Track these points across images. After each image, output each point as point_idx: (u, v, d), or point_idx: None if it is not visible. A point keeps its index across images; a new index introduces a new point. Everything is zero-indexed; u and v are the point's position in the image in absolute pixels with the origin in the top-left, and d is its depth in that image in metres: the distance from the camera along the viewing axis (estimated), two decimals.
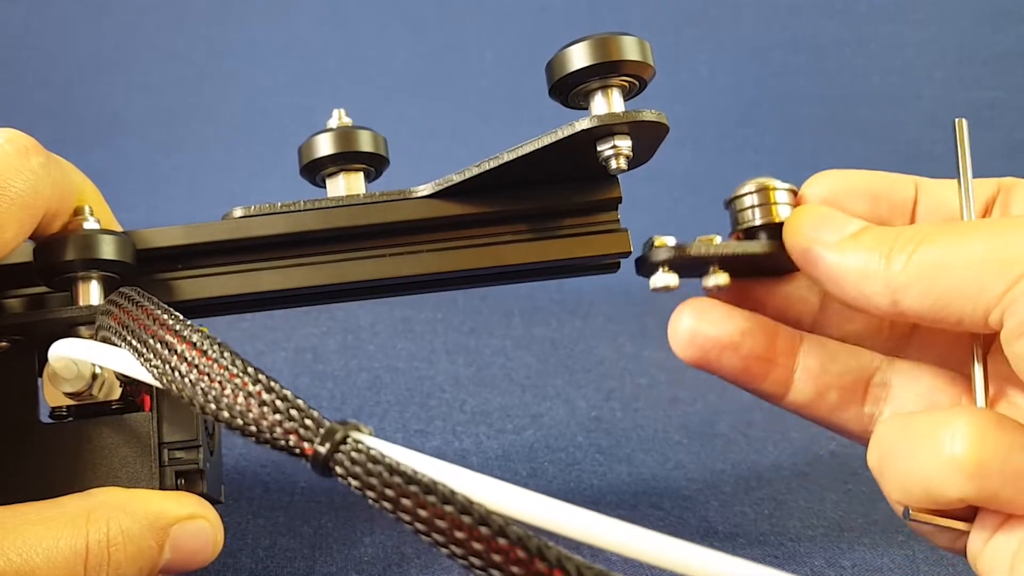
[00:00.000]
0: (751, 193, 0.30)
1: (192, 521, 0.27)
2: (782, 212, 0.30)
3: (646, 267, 0.30)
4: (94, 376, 0.29)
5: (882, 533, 0.39)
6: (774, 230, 0.30)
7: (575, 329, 0.57)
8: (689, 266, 0.30)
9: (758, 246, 0.30)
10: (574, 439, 0.46)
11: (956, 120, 0.30)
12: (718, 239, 0.30)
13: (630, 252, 0.32)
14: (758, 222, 0.30)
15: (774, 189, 0.30)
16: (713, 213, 0.63)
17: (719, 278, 0.30)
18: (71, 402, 0.29)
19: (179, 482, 0.29)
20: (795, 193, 0.31)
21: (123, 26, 0.69)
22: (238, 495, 0.38)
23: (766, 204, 0.30)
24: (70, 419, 0.29)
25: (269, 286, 0.31)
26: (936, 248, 0.27)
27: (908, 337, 0.32)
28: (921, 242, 0.27)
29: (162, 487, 0.28)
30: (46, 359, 0.29)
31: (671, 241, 0.30)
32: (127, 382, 0.29)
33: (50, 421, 0.30)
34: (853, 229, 0.29)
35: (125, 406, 0.30)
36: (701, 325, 0.30)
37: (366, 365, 0.50)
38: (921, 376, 0.31)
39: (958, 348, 0.31)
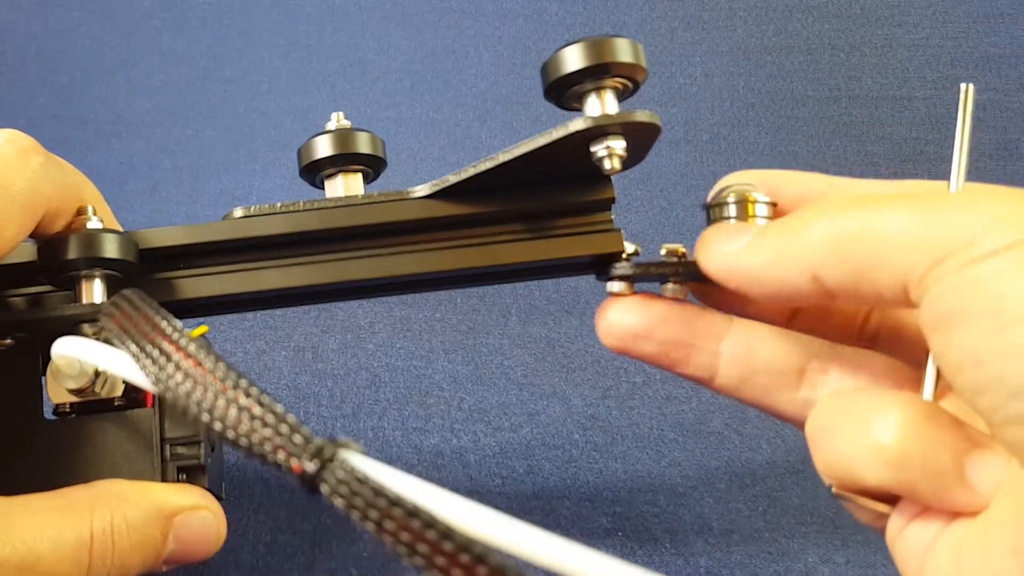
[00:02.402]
0: (729, 204, 0.30)
1: (195, 512, 0.27)
2: (760, 224, 0.30)
3: (607, 275, 0.32)
4: (97, 373, 0.29)
5: (875, 530, 0.40)
6: None
7: (571, 328, 0.57)
8: (648, 278, 0.32)
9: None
10: (570, 437, 0.46)
11: (963, 84, 0.28)
12: (682, 248, 0.31)
13: (623, 251, 0.32)
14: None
15: (753, 202, 0.30)
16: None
17: (676, 290, 0.31)
18: (74, 399, 0.29)
19: (181, 477, 0.29)
20: (774, 205, 0.30)
21: (125, 28, 0.70)
22: (239, 491, 0.38)
23: (745, 216, 0.30)
24: (73, 415, 0.30)
25: (269, 285, 0.31)
26: (848, 217, 0.26)
27: (876, 331, 0.32)
28: (834, 215, 0.26)
29: (164, 482, 0.29)
30: (49, 357, 0.29)
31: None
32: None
33: (54, 418, 0.30)
34: (758, 231, 0.28)
35: (128, 403, 0.30)
36: (618, 316, 0.31)
37: (365, 364, 0.51)
38: (869, 364, 0.30)
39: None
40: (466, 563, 0.19)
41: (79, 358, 0.28)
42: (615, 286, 0.32)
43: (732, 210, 0.30)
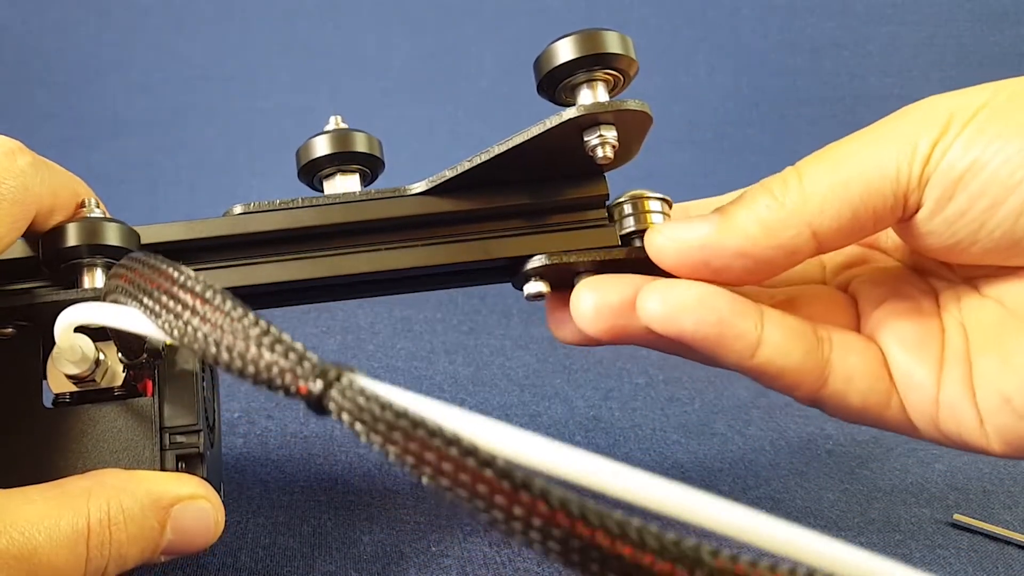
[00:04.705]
0: (625, 203, 0.32)
1: (193, 502, 0.27)
2: (654, 219, 0.32)
3: (519, 278, 0.32)
4: (97, 362, 0.29)
5: (879, 532, 0.39)
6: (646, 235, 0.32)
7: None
8: (560, 274, 0.32)
9: (621, 252, 0.32)
10: (572, 438, 0.46)
11: None
12: None
13: (619, 246, 0.32)
14: (632, 228, 0.32)
15: (647, 199, 0.32)
16: None
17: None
18: (74, 388, 0.30)
19: (180, 466, 0.29)
20: (669, 203, 0.32)
21: (124, 28, 0.69)
22: (238, 493, 0.38)
23: (641, 213, 0.32)
24: (73, 405, 0.30)
25: (268, 278, 0.32)
26: (825, 161, 0.28)
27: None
28: (802, 167, 0.29)
29: (163, 470, 0.29)
30: (50, 347, 0.29)
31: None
32: (129, 367, 0.30)
33: (53, 407, 0.30)
34: (711, 215, 0.29)
35: (127, 392, 0.30)
36: (601, 295, 0.30)
37: (366, 364, 0.50)
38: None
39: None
40: (472, 468, 0.19)
41: (86, 321, 0.28)
42: (532, 286, 0.31)
43: (628, 208, 0.32)
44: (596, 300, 0.30)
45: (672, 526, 0.19)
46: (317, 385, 0.22)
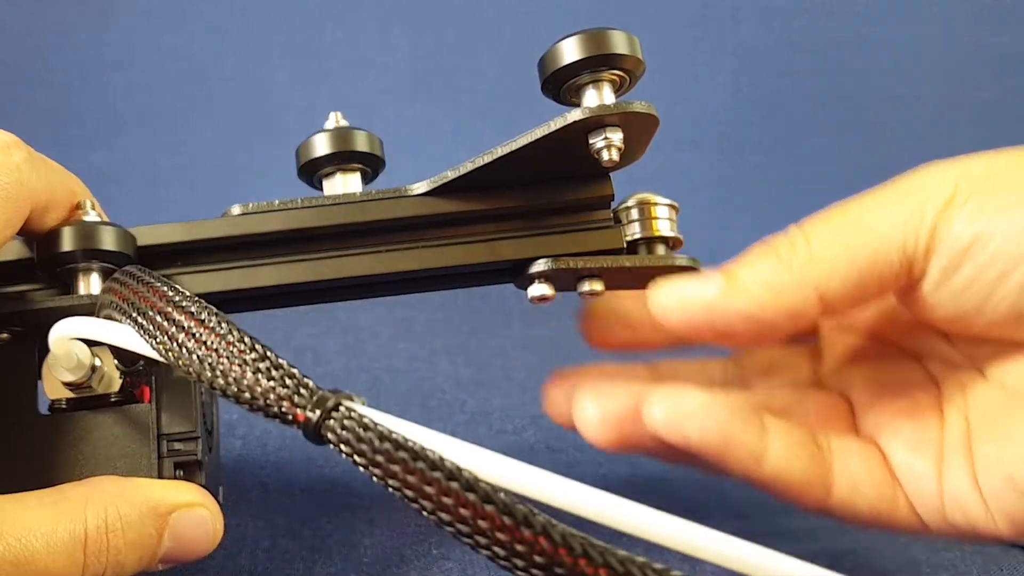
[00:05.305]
0: (632, 207, 0.32)
1: (191, 509, 0.27)
2: (660, 226, 0.32)
3: (523, 280, 0.32)
4: (94, 368, 0.29)
5: (883, 533, 0.39)
6: (652, 243, 0.32)
7: (575, 329, 0.57)
8: (565, 277, 0.31)
9: (627, 260, 0.31)
10: (575, 440, 0.45)
11: None
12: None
13: (623, 248, 0.32)
14: (639, 234, 0.32)
15: (654, 204, 0.32)
16: (713, 213, 0.63)
17: (594, 285, 0.31)
18: (70, 394, 0.29)
19: (178, 473, 0.29)
20: (676, 209, 0.32)
21: (123, 26, 0.69)
22: (238, 497, 0.38)
23: (647, 219, 0.32)
24: (69, 411, 0.29)
25: (267, 281, 0.31)
26: (832, 224, 0.28)
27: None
28: (808, 230, 0.28)
29: (160, 478, 0.28)
30: (45, 352, 0.29)
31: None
32: (126, 373, 0.29)
33: (49, 414, 0.30)
34: (715, 275, 0.29)
35: (124, 398, 0.30)
36: (604, 404, 0.30)
37: (366, 366, 0.50)
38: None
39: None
40: (473, 501, 0.19)
41: (79, 336, 0.27)
42: (537, 289, 0.31)
43: (635, 213, 0.32)
44: (600, 409, 0.30)
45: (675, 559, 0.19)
46: (315, 414, 0.22)
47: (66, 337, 0.27)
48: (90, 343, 0.28)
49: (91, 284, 0.30)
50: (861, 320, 0.34)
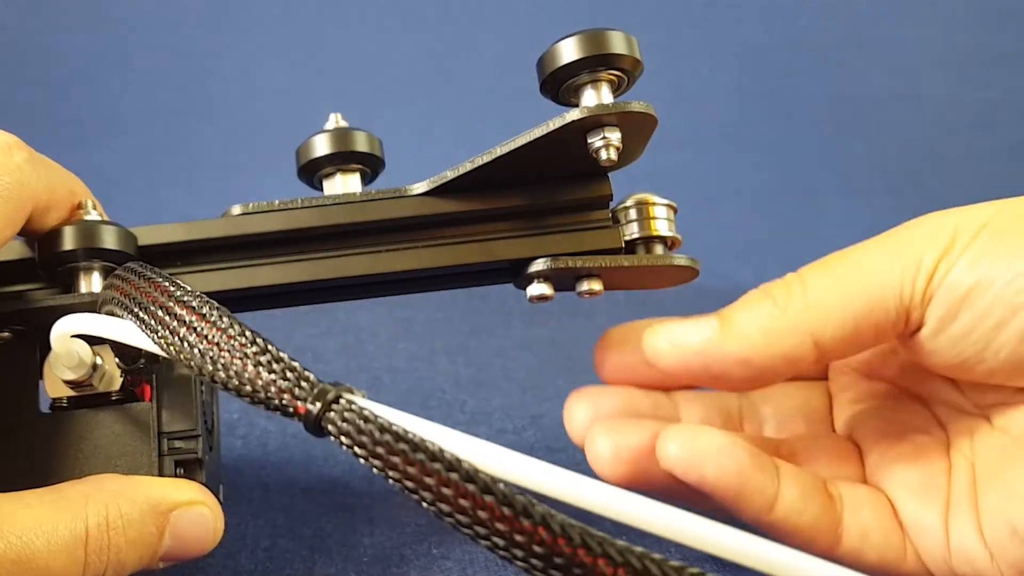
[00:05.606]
0: (631, 207, 0.32)
1: (192, 507, 0.27)
2: (659, 226, 0.32)
3: (523, 279, 0.32)
4: (95, 366, 0.29)
5: None
6: (650, 242, 0.32)
7: (576, 329, 0.57)
8: (564, 276, 0.31)
9: (626, 260, 0.31)
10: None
11: None
12: None
13: (621, 248, 0.32)
14: (637, 234, 0.32)
15: (652, 204, 0.32)
16: (713, 213, 0.63)
17: (593, 284, 0.31)
18: (72, 393, 0.29)
19: (178, 471, 0.29)
20: (674, 209, 0.32)
21: (122, 26, 0.69)
22: (238, 496, 0.38)
23: (646, 219, 0.32)
24: (70, 410, 0.29)
25: (267, 281, 0.31)
26: (829, 271, 0.28)
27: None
28: (805, 275, 0.28)
29: (161, 476, 0.28)
30: (47, 351, 0.29)
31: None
32: (127, 371, 0.29)
33: (50, 412, 0.30)
34: (710, 319, 0.29)
35: (125, 397, 0.30)
36: (618, 439, 0.30)
37: (366, 366, 0.50)
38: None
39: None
40: (472, 492, 0.19)
41: (81, 331, 0.27)
42: (536, 289, 0.31)
43: (633, 213, 0.32)
44: (614, 443, 0.30)
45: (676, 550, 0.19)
46: (315, 406, 0.22)
47: (68, 333, 0.27)
48: (91, 341, 0.28)
49: (92, 283, 0.30)
50: (868, 362, 0.34)
